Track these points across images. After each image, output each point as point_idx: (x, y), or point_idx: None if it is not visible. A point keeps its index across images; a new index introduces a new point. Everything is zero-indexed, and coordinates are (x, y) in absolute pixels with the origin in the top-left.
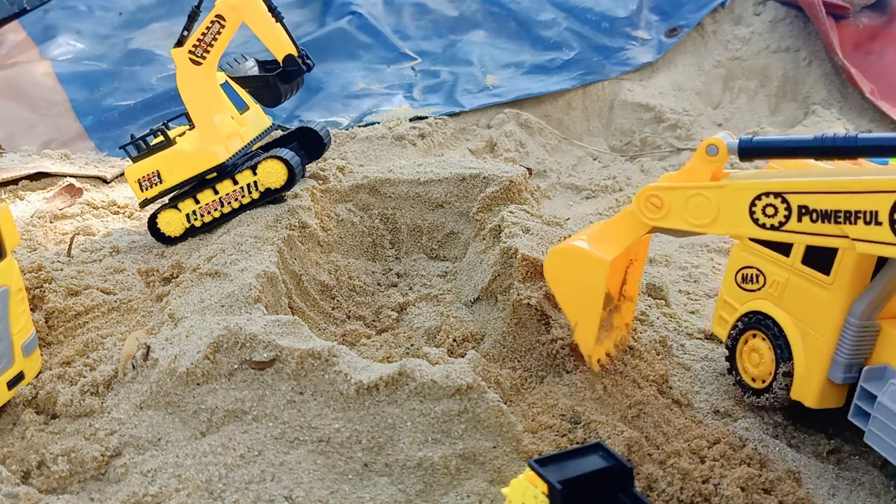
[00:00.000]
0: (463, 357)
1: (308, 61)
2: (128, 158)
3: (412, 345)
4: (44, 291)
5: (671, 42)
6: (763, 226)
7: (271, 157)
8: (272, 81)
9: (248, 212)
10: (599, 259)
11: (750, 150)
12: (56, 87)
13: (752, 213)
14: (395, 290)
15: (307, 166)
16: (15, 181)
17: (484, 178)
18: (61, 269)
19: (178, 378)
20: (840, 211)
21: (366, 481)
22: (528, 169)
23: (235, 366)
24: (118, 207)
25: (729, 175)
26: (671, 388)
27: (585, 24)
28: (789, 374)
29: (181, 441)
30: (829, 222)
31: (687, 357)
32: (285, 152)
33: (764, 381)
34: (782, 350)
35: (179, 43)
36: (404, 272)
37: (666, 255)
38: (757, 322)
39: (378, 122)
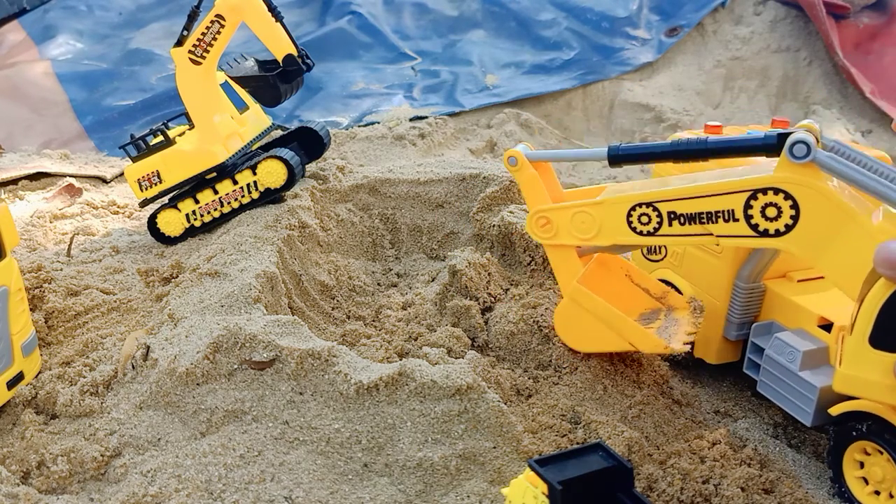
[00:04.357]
0: (463, 357)
1: (308, 61)
2: (127, 158)
3: (412, 345)
4: (44, 291)
5: (671, 42)
6: (641, 233)
7: (271, 156)
8: (272, 81)
9: (247, 212)
10: (574, 288)
11: (617, 157)
12: (56, 87)
13: (629, 223)
14: (395, 290)
15: (307, 166)
16: (15, 181)
17: (484, 178)
18: (61, 269)
19: (177, 378)
20: (703, 213)
21: (366, 481)
22: None
23: (235, 366)
24: (118, 207)
25: (605, 190)
26: (672, 389)
27: (585, 23)
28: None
29: (181, 441)
30: (696, 223)
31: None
32: (285, 152)
33: None
34: None
35: (179, 43)
36: (404, 272)
37: None
38: None
39: (378, 122)
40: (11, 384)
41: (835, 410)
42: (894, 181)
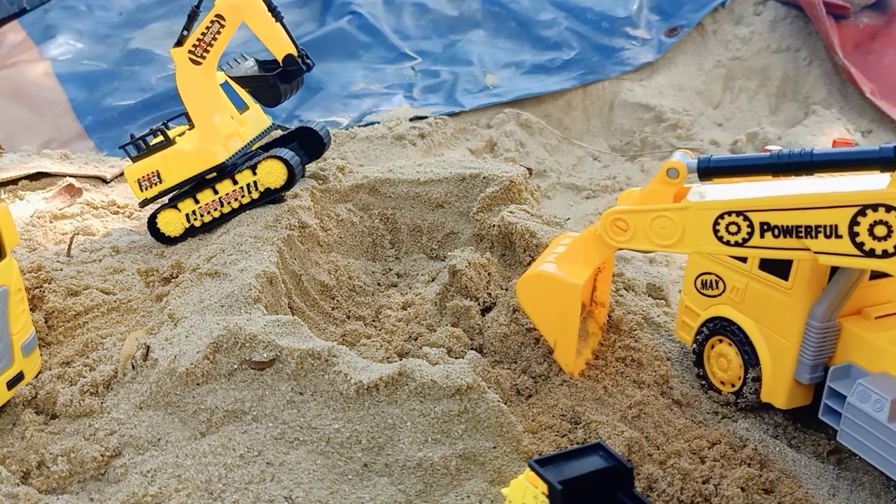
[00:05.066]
0: (463, 357)
1: (308, 61)
2: (127, 158)
3: (412, 345)
4: (43, 291)
5: (671, 42)
6: (728, 243)
7: (271, 156)
8: (272, 81)
9: (247, 212)
10: (571, 284)
11: (709, 170)
12: (56, 87)
13: (716, 231)
14: (395, 290)
15: (307, 166)
16: (15, 181)
17: (484, 178)
18: (61, 269)
19: (177, 378)
20: (801, 226)
21: (366, 481)
22: (528, 169)
23: (235, 366)
24: (118, 207)
25: (689, 193)
26: (672, 389)
27: (585, 23)
28: (758, 379)
29: (181, 441)
30: (791, 237)
31: (687, 357)
32: (285, 152)
33: (734, 385)
34: (749, 355)
35: (179, 43)
36: (404, 272)
37: (666, 254)
38: (721, 328)
39: (378, 122)
40: (11, 384)
41: None
42: None
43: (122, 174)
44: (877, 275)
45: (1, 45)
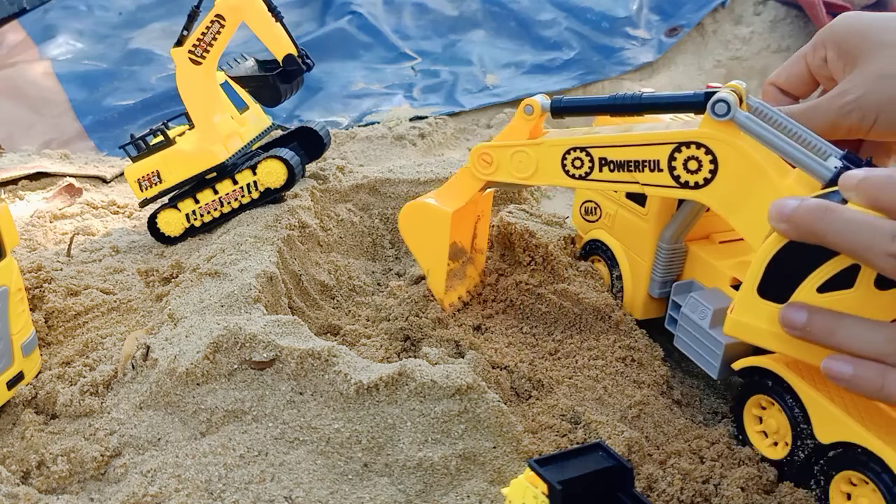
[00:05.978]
0: (463, 357)
1: (308, 61)
2: (127, 158)
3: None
4: (43, 291)
5: (671, 42)
6: (573, 176)
7: (271, 156)
8: (272, 81)
9: (247, 212)
10: (443, 212)
11: (559, 109)
12: (56, 87)
13: (563, 165)
14: None
15: (307, 166)
16: (15, 181)
17: None
18: (61, 269)
19: (177, 378)
20: (631, 161)
21: (366, 481)
22: None
23: (235, 366)
24: (118, 207)
25: (546, 133)
26: (671, 389)
27: (585, 23)
28: (621, 292)
29: (181, 441)
30: (624, 171)
31: (688, 358)
32: (285, 152)
33: None
34: (616, 271)
35: (179, 42)
36: (404, 272)
37: None
38: (596, 248)
39: (378, 122)
40: (11, 384)
41: (737, 365)
42: (808, 144)
43: (122, 174)
44: None
45: (1, 45)
